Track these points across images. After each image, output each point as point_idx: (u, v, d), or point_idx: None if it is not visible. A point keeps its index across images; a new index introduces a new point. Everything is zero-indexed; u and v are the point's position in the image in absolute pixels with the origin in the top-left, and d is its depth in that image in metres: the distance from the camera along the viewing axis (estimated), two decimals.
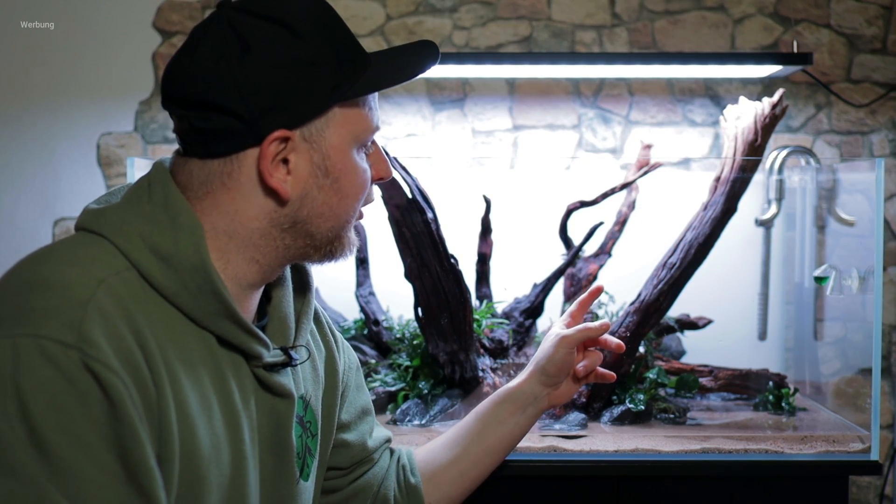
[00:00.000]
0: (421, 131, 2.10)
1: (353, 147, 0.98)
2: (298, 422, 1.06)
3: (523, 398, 1.31)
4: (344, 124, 0.97)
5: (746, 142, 1.66)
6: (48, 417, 0.78)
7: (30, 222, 2.10)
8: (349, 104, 0.97)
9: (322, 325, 1.20)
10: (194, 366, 0.92)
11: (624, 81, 2.10)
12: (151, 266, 0.90)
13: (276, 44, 0.92)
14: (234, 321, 0.94)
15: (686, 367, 1.81)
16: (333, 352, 1.19)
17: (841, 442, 1.58)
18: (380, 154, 1.05)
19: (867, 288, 1.68)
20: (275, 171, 0.94)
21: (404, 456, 1.30)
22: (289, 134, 0.93)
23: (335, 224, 1.00)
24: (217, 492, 0.93)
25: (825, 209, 2.00)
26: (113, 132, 2.11)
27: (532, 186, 2.05)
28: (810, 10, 2.09)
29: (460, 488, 1.30)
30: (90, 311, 0.83)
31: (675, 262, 1.65)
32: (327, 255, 1.03)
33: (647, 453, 1.54)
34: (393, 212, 1.58)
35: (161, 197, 0.93)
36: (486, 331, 1.75)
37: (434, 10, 2.09)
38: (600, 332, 1.32)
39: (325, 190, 0.97)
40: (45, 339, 0.80)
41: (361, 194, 1.02)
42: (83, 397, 0.80)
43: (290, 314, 1.06)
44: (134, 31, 2.09)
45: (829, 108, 2.09)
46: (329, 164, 0.96)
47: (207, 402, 0.92)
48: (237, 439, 0.96)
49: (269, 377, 0.99)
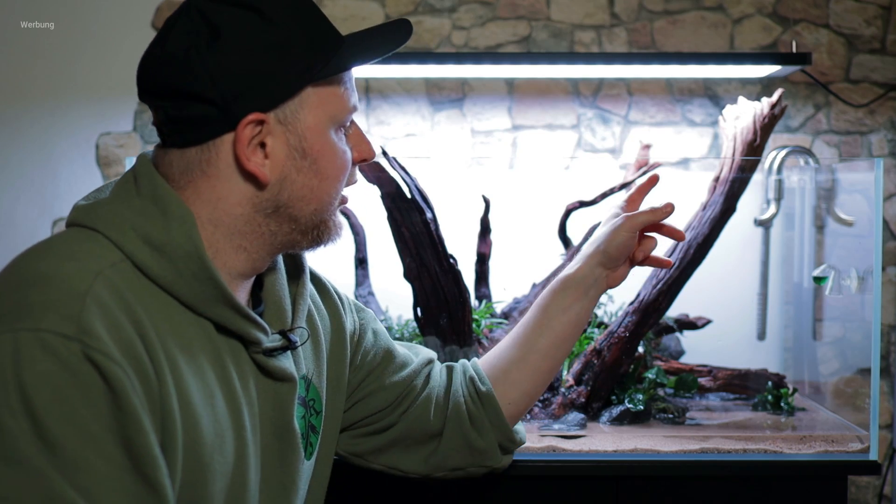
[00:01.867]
0: (420, 131, 2.10)
1: (330, 127, 0.98)
2: (301, 403, 1.06)
3: (584, 282, 1.29)
4: (319, 105, 0.97)
5: (745, 142, 1.66)
6: (52, 410, 0.79)
7: (29, 222, 2.10)
8: (323, 84, 0.97)
9: (326, 292, 1.21)
10: (194, 354, 0.92)
11: (623, 81, 2.10)
12: (145, 256, 0.90)
13: (247, 28, 0.93)
14: (231, 307, 0.95)
15: (685, 367, 1.81)
16: (341, 317, 1.20)
17: (840, 442, 1.58)
18: (360, 135, 1.05)
19: (866, 288, 1.68)
20: (252, 155, 0.94)
21: (470, 368, 1.30)
22: (263, 117, 0.94)
23: (318, 207, 1.00)
24: (221, 479, 0.93)
25: (824, 209, 2.00)
26: (112, 132, 2.11)
27: (531, 186, 2.05)
28: (809, 10, 2.09)
29: (536, 383, 1.29)
30: (88, 302, 0.83)
31: (675, 262, 1.65)
32: (315, 241, 1.02)
33: (646, 453, 1.54)
34: (392, 212, 1.58)
35: (149, 189, 0.94)
36: (485, 331, 1.75)
37: (433, 10, 2.09)
38: (664, 216, 1.28)
39: (305, 172, 0.97)
40: (45, 332, 0.80)
41: (342, 175, 1.01)
42: (86, 388, 0.80)
43: (284, 297, 1.06)
44: (133, 31, 2.09)
45: (827, 108, 2.09)
46: (306, 146, 0.97)
47: (209, 390, 0.93)
48: (239, 426, 0.96)
49: (268, 362, 1.00)
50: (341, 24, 2.09)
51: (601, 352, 1.67)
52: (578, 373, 1.69)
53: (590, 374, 1.68)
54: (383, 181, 1.58)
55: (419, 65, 1.87)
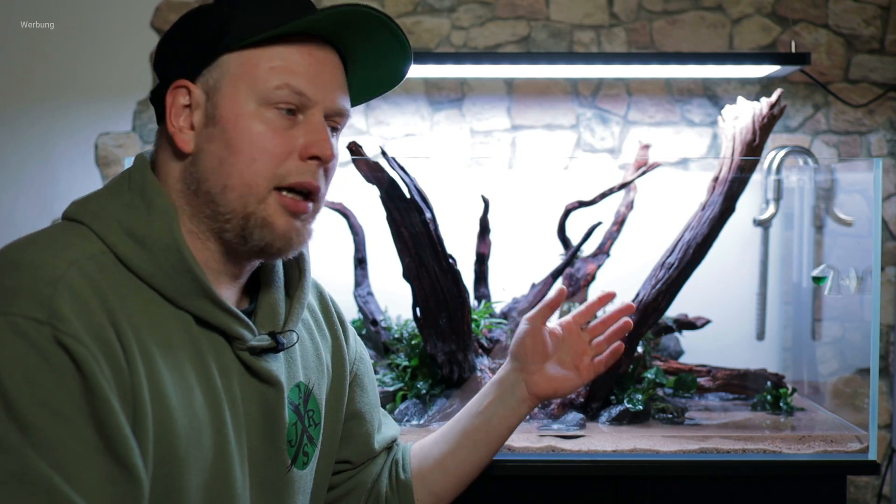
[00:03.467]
0: (419, 131, 2.10)
1: (249, 100, 0.95)
2: (294, 409, 1.05)
3: (500, 386, 1.25)
4: (239, 76, 0.95)
5: (744, 142, 1.66)
6: (24, 391, 0.80)
7: (28, 222, 2.10)
8: (245, 54, 0.95)
9: (331, 315, 1.20)
10: (173, 348, 0.92)
11: (622, 81, 2.10)
12: (127, 248, 0.91)
13: (197, 9, 0.99)
14: (211, 299, 0.95)
15: (684, 367, 1.81)
16: (341, 341, 1.19)
17: (839, 442, 1.58)
18: (316, 129, 0.97)
19: (865, 288, 1.68)
20: (175, 121, 0.96)
21: (400, 451, 1.26)
22: (188, 84, 0.96)
23: (230, 185, 0.94)
24: (198, 473, 0.93)
25: (823, 209, 2.00)
26: (111, 132, 2.11)
27: (530, 186, 2.05)
28: (808, 10, 2.09)
29: (446, 486, 1.22)
30: (60, 288, 0.84)
31: (674, 262, 1.65)
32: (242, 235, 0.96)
33: (645, 453, 1.54)
34: (391, 212, 1.58)
35: (139, 184, 0.96)
36: (484, 331, 1.75)
37: (432, 10, 2.09)
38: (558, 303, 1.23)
39: (215, 141, 0.95)
40: (16, 316, 0.82)
41: (259, 155, 0.94)
42: (57, 370, 0.81)
43: (279, 300, 1.05)
44: (132, 32, 2.09)
45: (826, 108, 2.09)
46: (217, 113, 0.95)
47: (187, 384, 0.93)
48: (219, 422, 0.96)
49: (254, 362, 0.99)
50: None
51: None
52: None
53: None
54: (382, 181, 1.59)
55: (418, 65, 1.87)
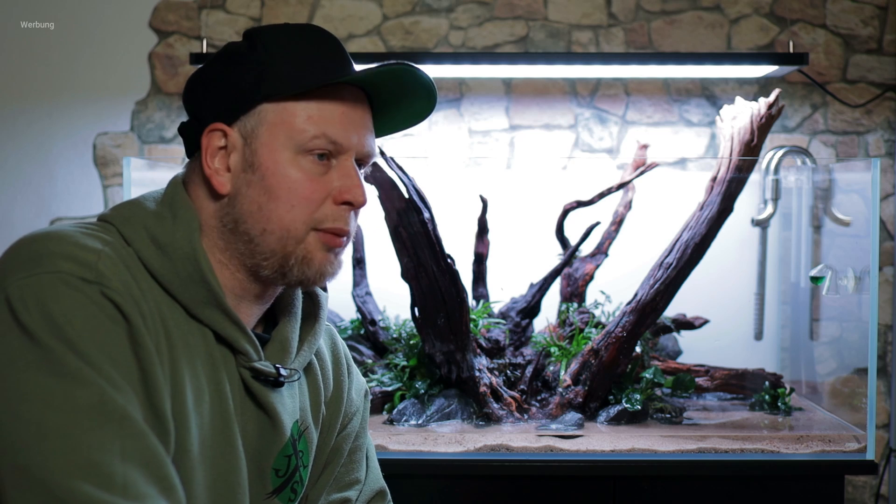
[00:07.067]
0: (417, 131, 2.10)
1: (286, 148, 0.99)
2: (291, 443, 1.07)
3: None
4: (277, 124, 0.99)
5: (742, 142, 1.66)
6: (84, 337, 0.84)
7: (26, 222, 2.10)
8: (283, 105, 0.98)
9: (340, 366, 1.20)
10: (189, 347, 0.95)
11: (620, 81, 2.10)
12: (150, 254, 0.95)
13: (231, 51, 1.00)
14: (222, 310, 0.98)
15: (682, 367, 1.81)
16: (342, 392, 1.20)
17: (837, 442, 1.58)
18: (348, 175, 1.00)
19: (863, 288, 1.69)
20: (212, 162, 0.99)
21: None
22: (225, 128, 0.98)
23: (269, 229, 0.98)
24: (205, 473, 0.95)
25: (821, 209, 2.00)
26: (109, 132, 2.11)
27: (528, 186, 2.05)
28: (806, 10, 2.09)
29: None
30: (103, 257, 0.89)
31: (672, 262, 1.65)
32: (279, 272, 0.99)
33: (643, 453, 1.54)
34: (389, 212, 1.58)
35: (170, 195, 1.00)
36: (482, 330, 1.75)
37: (430, 10, 2.09)
38: None
39: (254, 187, 0.99)
40: (66, 273, 0.86)
41: (296, 201, 0.98)
42: (111, 319, 0.86)
43: (292, 339, 1.08)
44: (131, 32, 2.09)
45: (824, 108, 2.10)
46: (256, 160, 0.99)
47: (200, 384, 0.95)
48: (228, 431, 0.98)
49: (253, 382, 1.01)
50: (339, 24, 2.09)
51: (598, 352, 1.67)
52: (576, 373, 1.69)
53: (587, 373, 1.68)
54: (381, 181, 1.59)
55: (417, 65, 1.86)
